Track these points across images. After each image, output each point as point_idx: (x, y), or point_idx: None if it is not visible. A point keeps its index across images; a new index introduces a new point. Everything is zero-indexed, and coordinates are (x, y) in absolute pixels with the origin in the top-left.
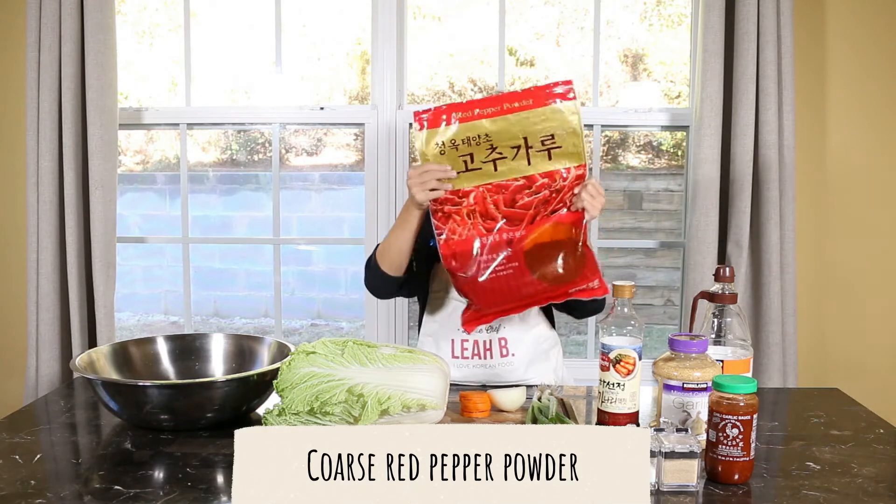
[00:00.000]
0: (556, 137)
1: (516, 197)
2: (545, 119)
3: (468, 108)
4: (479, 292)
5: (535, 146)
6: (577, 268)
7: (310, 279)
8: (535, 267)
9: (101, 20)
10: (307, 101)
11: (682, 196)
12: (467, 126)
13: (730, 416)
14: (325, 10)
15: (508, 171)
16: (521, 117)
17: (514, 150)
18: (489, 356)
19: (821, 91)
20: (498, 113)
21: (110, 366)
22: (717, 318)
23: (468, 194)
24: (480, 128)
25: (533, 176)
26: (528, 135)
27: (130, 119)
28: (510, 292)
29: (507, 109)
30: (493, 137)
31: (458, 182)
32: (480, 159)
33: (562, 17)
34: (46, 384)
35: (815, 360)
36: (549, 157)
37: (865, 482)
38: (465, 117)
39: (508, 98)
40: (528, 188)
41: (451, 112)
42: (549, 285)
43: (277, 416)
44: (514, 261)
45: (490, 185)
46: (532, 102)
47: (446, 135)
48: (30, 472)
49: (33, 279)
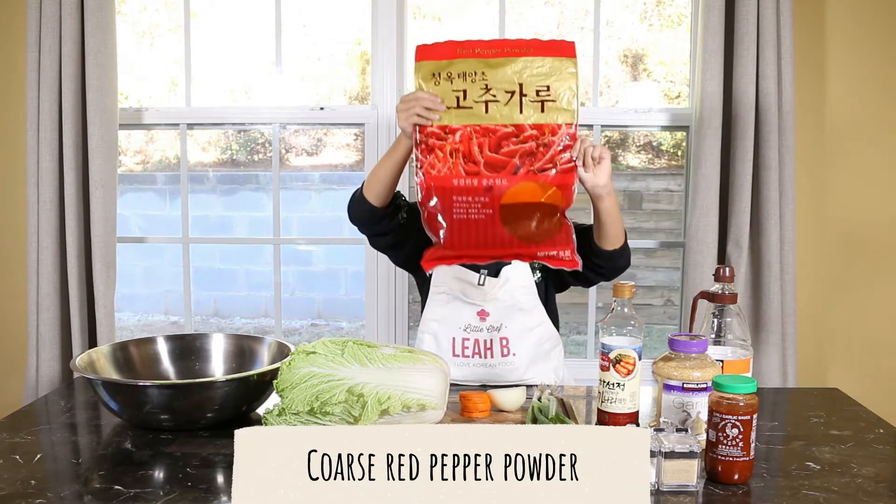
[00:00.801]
0: (551, 90)
1: (502, 143)
2: (543, 69)
3: (469, 46)
4: (449, 230)
5: (530, 95)
6: (550, 232)
7: (310, 279)
8: (510, 220)
9: (101, 20)
10: (307, 101)
11: (682, 196)
12: (466, 62)
13: (730, 416)
14: (325, 10)
15: (499, 116)
16: (521, 63)
17: (508, 95)
18: (490, 355)
19: (821, 91)
20: (498, 55)
21: (110, 366)
22: (717, 318)
23: (455, 132)
24: (478, 65)
25: (522, 125)
26: (524, 82)
27: (130, 119)
28: (479, 238)
29: (508, 53)
30: (489, 77)
31: (447, 117)
32: (473, 98)
33: (562, 17)
34: (46, 384)
35: (815, 360)
36: (542, 108)
37: (865, 482)
38: (464, 52)
39: (511, 43)
40: (515, 136)
41: (451, 47)
42: (518, 242)
43: (277, 416)
44: (490, 209)
45: (478, 127)
46: (533, 51)
47: (443, 66)
48: (30, 472)
49: (33, 279)
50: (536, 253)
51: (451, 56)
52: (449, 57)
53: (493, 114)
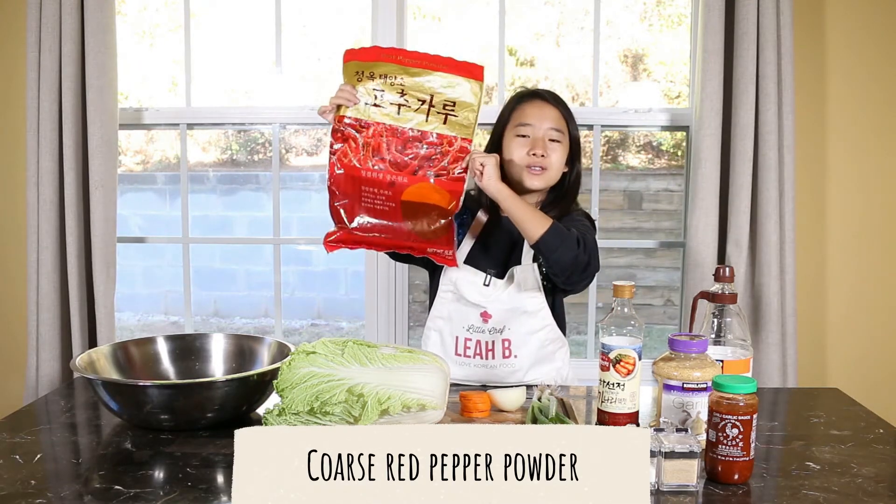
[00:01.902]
0: (456, 106)
1: (407, 146)
2: (452, 87)
3: (393, 53)
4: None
5: (437, 107)
6: (438, 232)
7: (310, 279)
8: (408, 215)
9: (101, 20)
10: (307, 101)
11: (682, 196)
12: (387, 65)
13: (730, 416)
14: (325, 10)
15: (407, 120)
16: (436, 76)
17: (419, 103)
18: (491, 357)
19: (821, 91)
20: (416, 65)
21: (110, 366)
22: (717, 318)
23: (369, 126)
24: (398, 70)
25: (426, 132)
26: (434, 94)
27: (130, 119)
28: (381, 227)
29: (426, 65)
30: (405, 83)
31: (364, 112)
32: (388, 100)
33: (562, 17)
34: (46, 384)
35: (815, 360)
36: (445, 121)
37: (865, 482)
38: (387, 58)
39: (430, 58)
40: (418, 141)
41: (377, 51)
42: (414, 236)
43: (277, 416)
44: (392, 202)
45: (389, 127)
46: (447, 68)
47: (366, 66)
48: (30, 472)
49: (33, 279)
50: (426, 249)
51: (375, 59)
52: (373, 59)
53: (404, 117)
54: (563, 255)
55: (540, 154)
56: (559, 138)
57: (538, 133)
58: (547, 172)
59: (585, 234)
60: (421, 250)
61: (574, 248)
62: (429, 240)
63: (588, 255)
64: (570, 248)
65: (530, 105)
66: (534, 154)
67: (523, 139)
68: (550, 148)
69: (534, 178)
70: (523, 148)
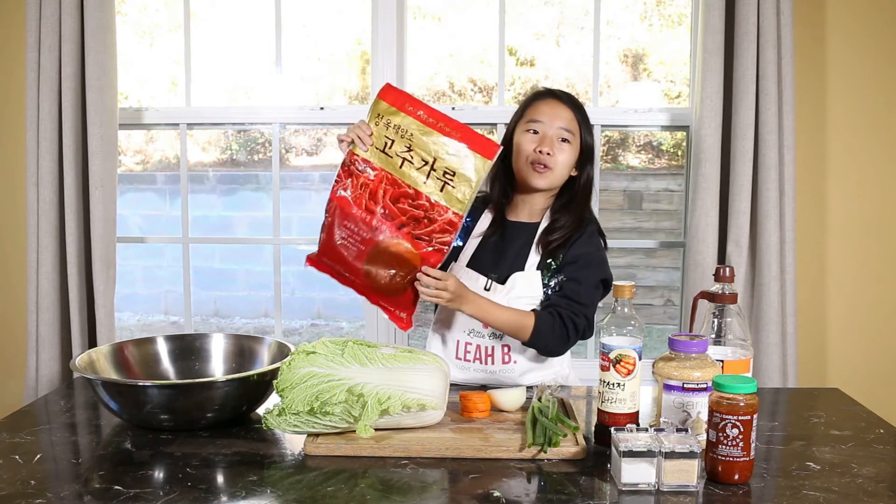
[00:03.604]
0: (455, 177)
1: (401, 200)
2: (457, 156)
3: (416, 106)
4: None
5: (438, 172)
6: (398, 291)
7: (310, 279)
8: (372, 262)
9: (101, 20)
10: (307, 101)
11: (682, 196)
12: (405, 118)
13: (730, 416)
14: (325, 10)
15: (407, 176)
16: (443, 141)
17: (423, 163)
18: (490, 362)
19: (821, 91)
20: (431, 125)
21: (110, 366)
22: (717, 318)
23: (373, 170)
24: (413, 125)
25: (421, 193)
26: (438, 158)
27: (130, 119)
28: (346, 263)
29: (438, 128)
30: (414, 140)
31: (373, 155)
32: (396, 150)
33: (562, 17)
34: (46, 384)
35: (815, 360)
36: (442, 189)
37: (865, 482)
38: (409, 110)
39: (448, 120)
40: (412, 199)
41: (403, 99)
42: (369, 283)
43: (277, 416)
44: (364, 245)
45: (390, 176)
46: (460, 136)
47: (389, 111)
48: (30, 472)
49: (33, 279)
50: (378, 301)
51: (399, 107)
52: (397, 106)
53: (405, 172)
54: (553, 351)
55: (546, 151)
56: (569, 139)
57: (548, 130)
58: (552, 172)
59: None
60: (374, 301)
61: (564, 343)
62: (385, 294)
63: (581, 335)
64: (559, 344)
65: (545, 103)
66: (540, 151)
67: (533, 135)
68: (558, 147)
69: (538, 178)
70: (532, 143)
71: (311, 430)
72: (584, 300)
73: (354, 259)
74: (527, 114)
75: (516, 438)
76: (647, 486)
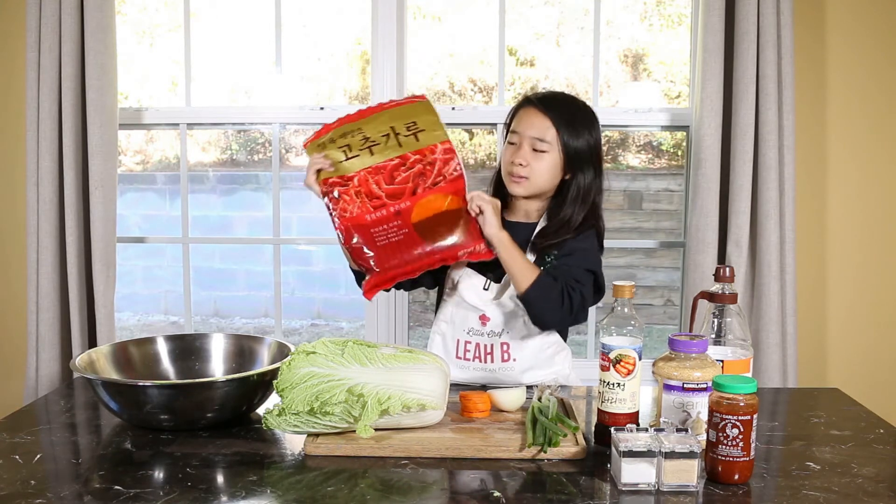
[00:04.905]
0: (417, 122)
1: (394, 174)
2: (405, 113)
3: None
4: (377, 258)
5: (402, 132)
6: (461, 232)
7: (310, 279)
8: (425, 233)
9: (101, 20)
10: (307, 101)
11: (682, 196)
12: (341, 128)
13: (730, 416)
14: (325, 10)
15: (383, 155)
16: (386, 115)
17: (385, 138)
18: (490, 360)
19: (821, 91)
20: (366, 114)
21: (110, 366)
22: (717, 318)
23: (352, 178)
24: (352, 126)
25: (405, 154)
26: (394, 125)
27: (130, 119)
28: (404, 256)
29: (372, 111)
30: (365, 131)
31: (341, 168)
32: (357, 148)
33: (562, 17)
34: (46, 384)
35: (815, 360)
36: (417, 139)
37: (865, 482)
38: (337, 123)
39: (371, 108)
40: (402, 165)
41: (325, 127)
42: (438, 248)
43: (277, 416)
44: (405, 228)
45: (370, 168)
46: (391, 105)
47: (324, 139)
48: (30, 472)
49: (33, 279)
50: (457, 254)
51: (327, 131)
52: (325, 132)
53: (378, 154)
54: (544, 314)
55: (519, 162)
56: (543, 147)
57: (523, 140)
58: (528, 181)
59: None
60: (453, 257)
61: (557, 310)
62: (455, 244)
63: (574, 313)
64: (552, 309)
65: (522, 111)
66: (512, 162)
67: (511, 146)
68: (532, 156)
69: (515, 187)
70: (508, 154)
71: (311, 430)
72: (579, 278)
73: (411, 244)
74: (511, 123)
75: (516, 438)
76: (647, 486)
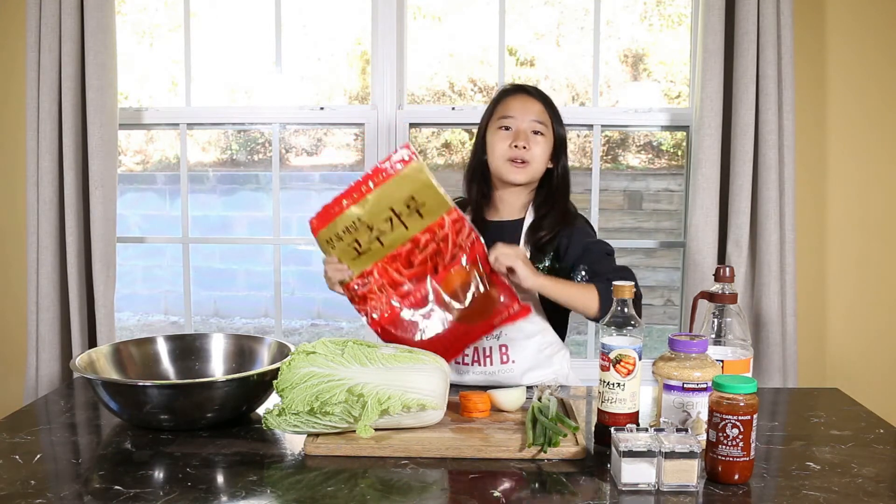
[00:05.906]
0: (416, 197)
1: (411, 258)
2: (399, 187)
3: (338, 201)
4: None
5: (404, 212)
6: (492, 301)
7: (310, 279)
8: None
9: (101, 20)
10: (307, 101)
11: (682, 196)
12: (342, 217)
13: (730, 416)
14: (324, 10)
15: (393, 242)
16: (380, 194)
17: (389, 223)
18: (489, 363)
19: (821, 91)
20: (360, 196)
21: (110, 366)
22: (717, 318)
23: (371, 273)
24: (352, 215)
25: (415, 237)
26: (393, 206)
27: (130, 119)
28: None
29: (367, 190)
30: (365, 219)
31: (357, 266)
32: (366, 241)
33: (562, 17)
34: (46, 384)
35: (815, 360)
36: (420, 216)
37: (865, 482)
38: (338, 210)
39: (364, 182)
40: (416, 247)
41: (327, 210)
42: (474, 325)
43: (277, 416)
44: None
45: (385, 258)
46: (382, 177)
47: (330, 230)
48: (30, 472)
49: (33, 279)
50: (493, 323)
51: (331, 218)
52: (330, 219)
53: (388, 243)
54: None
55: (522, 146)
56: (542, 131)
57: (521, 125)
58: (530, 166)
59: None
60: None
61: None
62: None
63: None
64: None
65: (514, 99)
66: (516, 146)
67: (506, 132)
68: (533, 140)
69: (517, 172)
70: (505, 141)
71: (311, 430)
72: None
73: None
74: (497, 111)
75: (516, 438)
76: (647, 486)
